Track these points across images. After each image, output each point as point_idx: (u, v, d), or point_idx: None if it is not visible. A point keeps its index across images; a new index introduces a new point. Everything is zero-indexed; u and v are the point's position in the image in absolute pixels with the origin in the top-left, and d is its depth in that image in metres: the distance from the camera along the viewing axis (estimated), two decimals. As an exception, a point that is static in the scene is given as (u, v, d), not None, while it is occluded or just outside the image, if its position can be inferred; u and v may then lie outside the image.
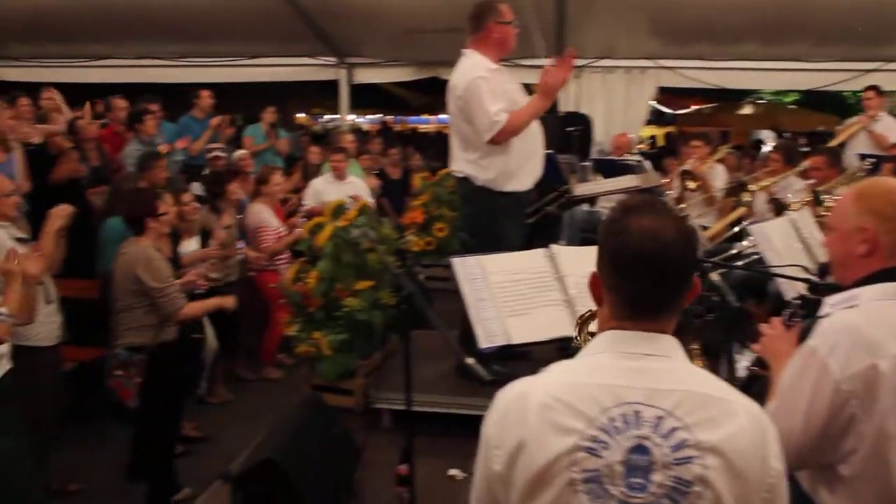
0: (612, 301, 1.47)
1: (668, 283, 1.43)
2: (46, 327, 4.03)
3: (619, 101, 8.93)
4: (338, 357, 3.97)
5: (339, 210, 4.13)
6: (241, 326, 5.89)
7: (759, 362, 2.45)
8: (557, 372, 1.47)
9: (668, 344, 1.45)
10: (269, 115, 8.38)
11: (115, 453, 4.68)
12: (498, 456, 1.42)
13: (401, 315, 3.72)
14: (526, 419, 1.39)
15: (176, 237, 4.87)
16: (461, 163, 4.26)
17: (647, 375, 1.39)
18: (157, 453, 4.48)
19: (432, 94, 14.95)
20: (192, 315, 4.25)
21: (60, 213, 3.97)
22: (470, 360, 2.32)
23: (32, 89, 6.86)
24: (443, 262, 7.09)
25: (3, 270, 3.47)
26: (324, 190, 6.59)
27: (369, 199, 6.44)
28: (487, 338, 2.69)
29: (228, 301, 4.45)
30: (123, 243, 4.32)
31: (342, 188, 6.52)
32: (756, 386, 2.35)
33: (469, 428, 3.96)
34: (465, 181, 4.26)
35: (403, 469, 3.26)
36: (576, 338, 2.06)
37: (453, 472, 3.72)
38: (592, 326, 1.96)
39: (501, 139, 4.06)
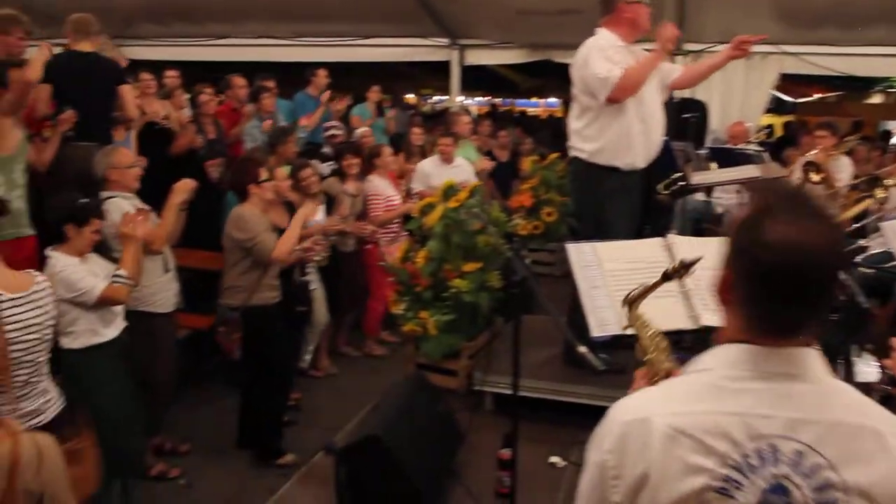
0: (744, 313, 1.27)
1: (814, 298, 1.24)
2: (164, 294, 4.21)
3: (737, 87, 8.56)
4: (443, 337, 3.98)
5: (450, 191, 4.13)
6: (345, 300, 5.99)
7: (892, 380, 2.29)
8: (680, 396, 1.28)
9: (810, 361, 1.26)
10: (374, 94, 8.50)
11: (225, 417, 4.86)
12: (617, 487, 1.29)
13: (511, 299, 3.70)
14: (648, 449, 1.24)
15: (292, 208, 5.00)
16: (573, 137, 4.24)
17: (786, 402, 1.22)
18: (264, 420, 4.63)
19: (542, 76, 14.79)
20: (286, 251, 4.37)
21: (183, 188, 4.14)
22: (583, 349, 2.26)
23: (157, 67, 7.14)
24: (549, 246, 7.03)
25: (121, 234, 3.65)
26: (431, 172, 6.61)
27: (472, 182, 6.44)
28: (600, 326, 2.63)
29: (309, 209, 4.56)
30: (234, 208, 4.50)
31: (449, 171, 6.52)
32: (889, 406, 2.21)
33: (572, 416, 3.96)
34: (575, 160, 4.23)
35: (505, 454, 3.26)
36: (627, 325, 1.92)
37: (554, 459, 3.69)
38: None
39: (618, 95, 4.00)
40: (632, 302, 1.93)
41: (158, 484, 4.31)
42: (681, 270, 1.89)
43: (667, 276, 1.87)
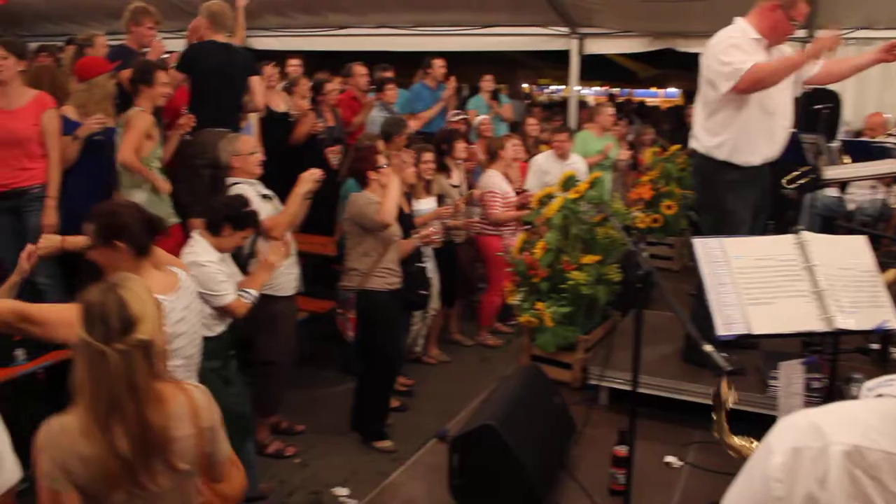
0: None
1: None
2: (285, 278, 4.34)
3: (874, 77, 8.05)
4: (559, 329, 3.93)
5: (569, 182, 4.07)
6: (458, 289, 6.03)
7: None
8: (868, 424, 1.07)
9: None
10: (487, 83, 8.47)
11: (340, 400, 4.98)
12: None
13: (631, 293, 3.62)
14: (825, 478, 1.05)
15: (408, 196, 5.08)
16: (696, 128, 4.08)
17: None
18: (369, 403, 4.72)
19: (662, 66, 14.40)
20: (389, 210, 4.42)
21: (309, 177, 4.25)
22: (709, 348, 2.18)
23: (280, 57, 7.35)
24: (667, 240, 6.85)
25: (265, 261, 3.79)
26: (547, 168, 6.55)
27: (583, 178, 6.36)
28: (726, 325, 2.53)
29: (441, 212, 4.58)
30: (353, 193, 4.60)
31: (564, 167, 6.44)
32: None
33: (689, 415, 3.84)
34: (697, 153, 4.08)
35: (621, 450, 3.19)
36: None
37: (670, 459, 3.59)
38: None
39: (744, 87, 3.77)
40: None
41: (275, 461, 4.46)
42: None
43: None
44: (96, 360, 1.92)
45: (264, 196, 4.34)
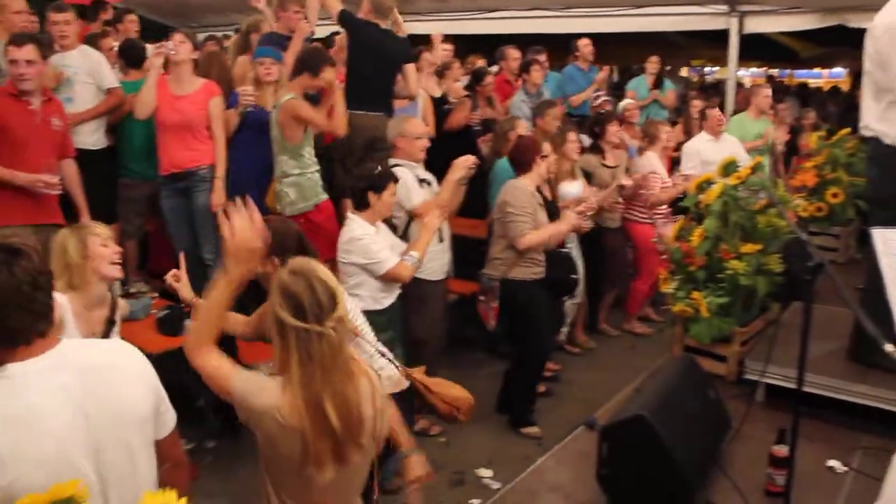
0: None
1: None
2: (437, 262, 4.40)
3: None
4: (715, 320, 3.78)
5: (730, 167, 3.89)
6: (607, 277, 5.92)
7: None
8: None
9: None
10: (652, 65, 8.23)
11: (486, 382, 5.01)
12: None
13: (797, 285, 3.42)
14: None
15: (550, 183, 5.03)
16: (869, 117, 3.73)
17: None
18: (517, 389, 4.72)
19: (828, 44, 13.48)
20: (536, 242, 4.40)
21: (463, 164, 4.27)
22: (889, 347, 2.03)
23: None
24: (832, 230, 6.46)
25: (423, 223, 3.86)
26: (702, 149, 6.30)
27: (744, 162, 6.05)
28: (908, 323, 2.34)
29: (570, 221, 4.53)
30: (508, 180, 4.59)
31: (720, 147, 6.17)
32: None
33: (855, 418, 3.61)
34: (873, 140, 3.74)
35: (780, 450, 3.04)
36: None
37: (833, 463, 3.39)
38: None
39: None
40: None
41: (420, 439, 4.54)
42: None
43: None
44: (313, 341, 2.03)
45: (422, 180, 4.40)
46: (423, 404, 3.27)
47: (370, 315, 3.59)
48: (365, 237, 3.66)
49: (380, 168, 3.81)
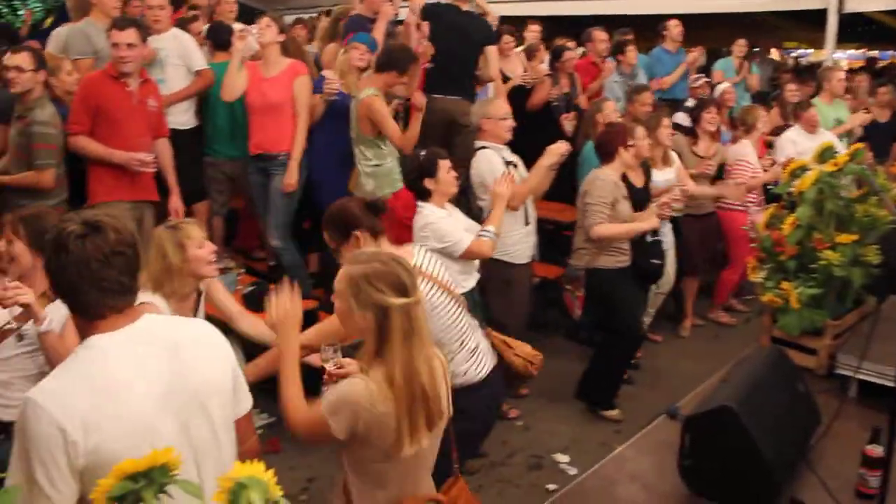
0: None
1: None
2: (523, 246, 4.39)
3: None
4: (805, 312, 3.64)
5: (826, 153, 3.73)
6: (694, 266, 5.79)
7: None
8: None
9: None
10: (740, 48, 8.00)
11: (565, 367, 4.98)
12: None
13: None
14: None
15: (647, 168, 4.94)
16: None
17: None
18: (602, 374, 4.67)
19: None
20: (607, 235, 4.33)
21: (556, 151, 4.24)
22: None
23: (518, 23, 7.36)
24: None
25: (492, 193, 3.84)
26: (797, 141, 6.08)
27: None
28: None
29: (652, 221, 4.44)
30: (593, 170, 4.51)
31: (815, 140, 5.94)
32: None
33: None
34: None
35: (874, 451, 2.92)
36: None
37: (931, 465, 3.23)
38: None
39: None
40: None
41: (498, 422, 4.54)
42: None
43: None
44: (415, 313, 2.09)
45: (508, 162, 4.38)
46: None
47: None
48: (438, 221, 3.66)
49: (422, 154, 3.80)
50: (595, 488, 3.16)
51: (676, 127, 5.68)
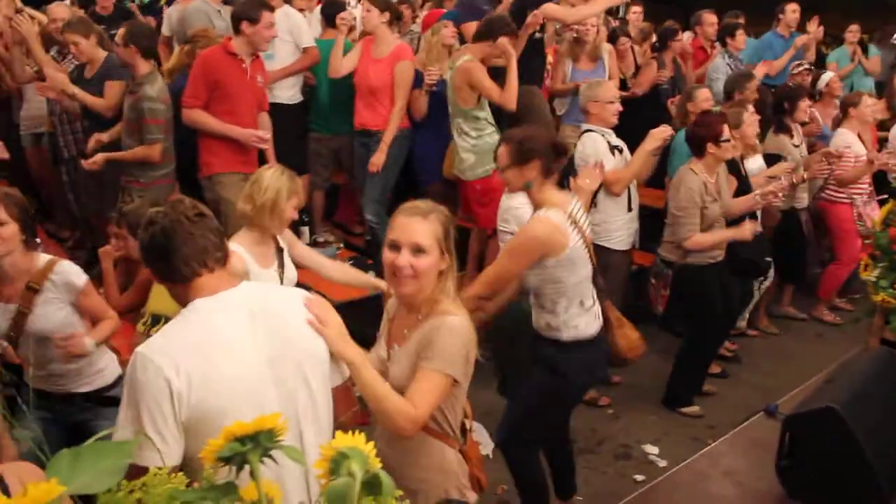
0: None
1: None
2: (624, 232, 4.32)
3: None
4: (921, 314, 3.49)
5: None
6: (800, 259, 5.55)
7: None
8: None
9: None
10: (852, 34, 7.58)
11: (658, 357, 4.88)
12: None
13: None
14: None
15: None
16: None
17: None
18: (685, 370, 4.57)
19: None
20: (701, 245, 4.18)
21: (659, 135, 4.13)
22: None
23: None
24: None
25: (577, 186, 3.78)
26: None
27: None
28: None
29: (744, 232, 4.24)
30: (682, 166, 4.36)
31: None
32: None
33: None
34: None
35: None
36: None
37: None
38: None
39: None
40: None
41: (588, 408, 4.50)
42: None
43: None
44: None
45: (614, 147, 4.29)
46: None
47: None
48: (521, 206, 3.62)
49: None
50: (686, 482, 3.13)
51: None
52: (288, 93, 5.42)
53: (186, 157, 4.63)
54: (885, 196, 4.66)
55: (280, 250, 3.20)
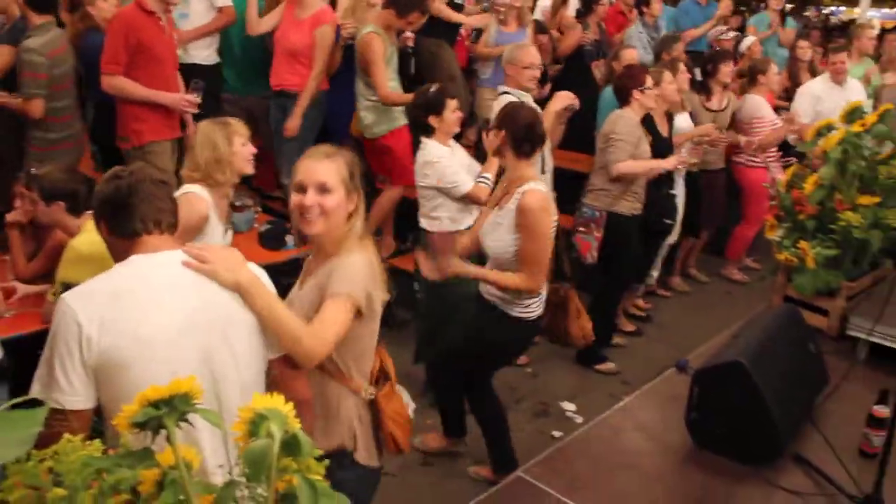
0: None
1: None
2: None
3: None
4: (821, 272, 3.63)
5: (854, 113, 3.68)
6: (702, 220, 5.73)
7: None
8: None
9: None
10: (776, 2, 7.82)
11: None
12: None
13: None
14: None
15: (670, 117, 4.91)
16: None
17: None
18: (602, 325, 4.70)
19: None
20: (628, 171, 4.36)
21: (563, 97, 4.20)
22: None
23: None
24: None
25: (491, 145, 3.80)
26: (822, 95, 5.92)
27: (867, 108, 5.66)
28: None
29: (670, 162, 4.50)
30: (614, 110, 4.51)
31: (842, 94, 5.82)
32: None
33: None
34: None
35: (880, 411, 2.94)
36: None
37: (935, 429, 3.26)
38: None
39: None
40: None
41: (507, 368, 4.59)
42: None
43: None
44: None
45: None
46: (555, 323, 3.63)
47: (451, 237, 3.64)
48: (441, 160, 3.67)
49: (431, 89, 3.77)
50: (600, 437, 3.21)
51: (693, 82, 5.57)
52: (204, 52, 5.26)
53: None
54: (791, 159, 4.86)
55: (232, 206, 3.21)
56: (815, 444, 3.10)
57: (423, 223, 3.87)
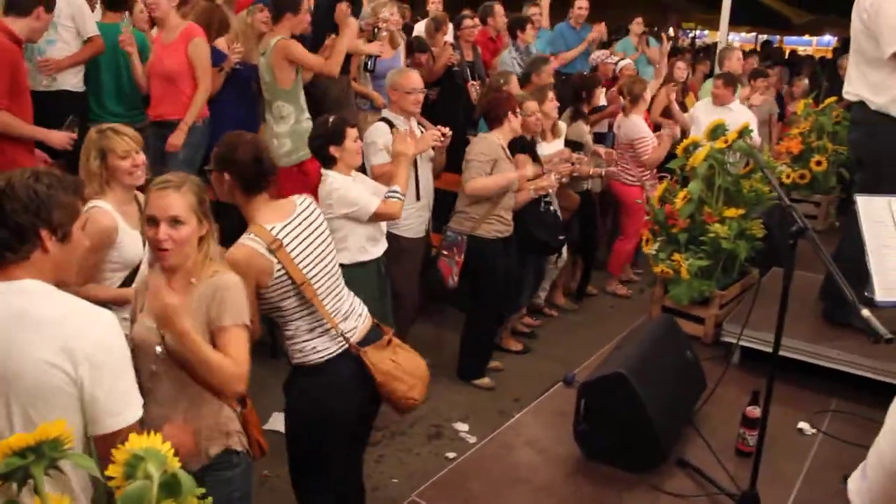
0: None
1: None
2: (415, 221, 4.37)
3: None
4: (695, 282, 3.82)
5: (717, 131, 3.90)
6: (593, 238, 5.90)
7: None
8: None
9: None
10: (637, 25, 8.20)
11: (450, 335, 5.05)
12: None
13: (778, 250, 3.46)
14: None
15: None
16: (856, 84, 3.74)
17: None
18: (470, 344, 4.76)
19: (820, 11, 13.45)
20: (479, 187, 4.39)
21: (426, 139, 4.19)
22: (866, 313, 2.06)
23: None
24: (814, 198, 6.51)
25: (394, 152, 3.81)
26: (704, 118, 6.19)
27: (754, 128, 5.95)
28: (886, 290, 2.38)
29: (523, 174, 4.54)
30: (480, 134, 4.57)
31: (724, 115, 6.08)
32: None
33: (826, 381, 3.68)
34: (859, 106, 3.75)
35: (753, 411, 3.10)
36: None
37: (803, 425, 3.48)
38: None
39: None
40: None
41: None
42: None
43: None
44: None
45: (412, 130, 4.35)
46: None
47: (355, 268, 3.57)
48: (343, 187, 3.60)
49: (330, 119, 3.72)
50: (493, 455, 3.25)
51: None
52: (73, 80, 5.05)
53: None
54: (664, 175, 5.07)
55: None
56: (696, 447, 3.25)
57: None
